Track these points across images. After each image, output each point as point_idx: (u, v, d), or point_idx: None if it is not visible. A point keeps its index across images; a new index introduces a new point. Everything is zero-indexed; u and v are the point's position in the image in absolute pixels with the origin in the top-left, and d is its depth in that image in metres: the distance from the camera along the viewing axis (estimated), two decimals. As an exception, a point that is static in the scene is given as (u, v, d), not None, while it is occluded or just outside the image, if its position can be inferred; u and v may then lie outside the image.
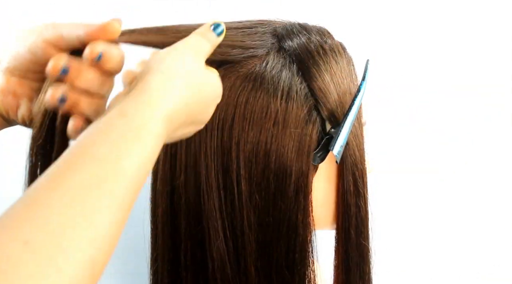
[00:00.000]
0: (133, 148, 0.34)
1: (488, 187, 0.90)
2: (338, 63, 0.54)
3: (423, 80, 0.87)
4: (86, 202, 0.30)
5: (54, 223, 0.29)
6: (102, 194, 0.31)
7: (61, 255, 0.28)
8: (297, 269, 0.52)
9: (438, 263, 0.92)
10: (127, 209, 0.33)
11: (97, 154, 0.33)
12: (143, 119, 0.36)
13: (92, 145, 0.33)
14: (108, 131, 0.34)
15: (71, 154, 0.33)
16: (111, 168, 0.32)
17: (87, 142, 0.34)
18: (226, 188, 0.50)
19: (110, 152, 0.33)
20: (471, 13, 0.85)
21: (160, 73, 0.39)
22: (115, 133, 0.34)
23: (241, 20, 0.55)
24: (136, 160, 0.34)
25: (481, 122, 0.89)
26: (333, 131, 0.52)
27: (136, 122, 0.35)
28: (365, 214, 0.56)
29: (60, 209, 0.29)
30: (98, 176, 0.32)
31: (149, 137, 0.35)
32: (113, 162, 0.33)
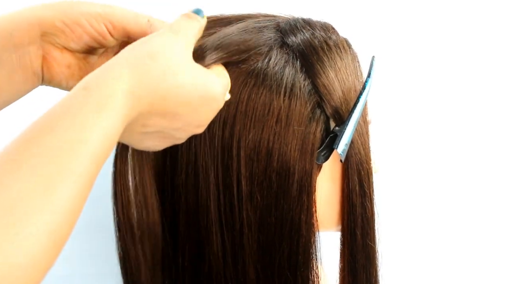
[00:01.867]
0: (93, 120, 0.33)
1: (499, 188, 0.89)
2: (342, 60, 0.53)
3: (430, 77, 0.86)
4: (41, 176, 0.30)
5: (6, 199, 0.29)
6: (58, 168, 0.31)
7: (18, 222, 0.28)
8: (300, 272, 0.51)
9: (446, 265, 0.91)
10: (87, 184, 0.32)
11: (57, 126, 0.32)
12: (103, 91, 0.35)
13: (53, 117, 0.33)
14: (69, 104, 0.34)
15: (32, 127, 0.33)
16: (67, 141, 0.32)
17: (49, 114, 0.33)
18: (226, 187, 0.49)
19: (68, 124, 0.32)
20: (476, 10, 0.84)
21: (134, 51, 0.39)
22: (76, 105, 0.34)
23: (244, 15, 0.54)
24: (97, 133, 0.33)
25: (485, 122, 0.87)
26: (337, 129, 0.51)
27: (96, 94, 0.35)
28: (371, 215, 0.55)
29: (12, 183, 0.29)
30: (55, 148, 0.31)
31: (111, 110, 0.34)
32: (69, 134, 0.32)
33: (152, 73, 0.38)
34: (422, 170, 0.88)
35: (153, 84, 0.38)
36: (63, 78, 0.48)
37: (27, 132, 0.32)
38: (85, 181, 0.32)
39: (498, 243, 0.91)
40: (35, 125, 0.33)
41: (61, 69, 0.48)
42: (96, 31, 0.46)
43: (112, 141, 0.35)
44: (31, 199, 0.29)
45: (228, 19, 0.54)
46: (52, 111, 0.33)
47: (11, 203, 0.29)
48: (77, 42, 0.47)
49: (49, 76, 0.48)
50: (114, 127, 0.35)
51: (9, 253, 0.28)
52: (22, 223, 0.28)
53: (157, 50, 0.39)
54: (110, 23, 0.47)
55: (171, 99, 0.39)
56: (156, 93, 0.38)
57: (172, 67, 0.39)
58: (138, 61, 0.38)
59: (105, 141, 0.34)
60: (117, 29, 0.47)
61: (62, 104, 0.34)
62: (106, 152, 0.34)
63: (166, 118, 0.40)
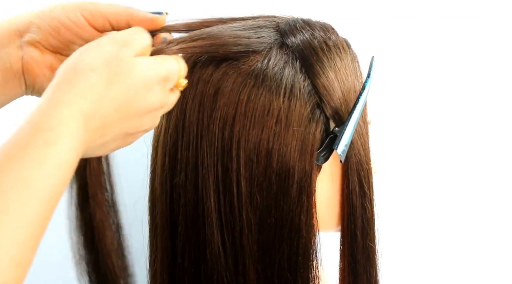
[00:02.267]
0: (42, 155, 0.31)
1: (499, 188, 0.89)
2: (342, 60, 0.53)
3: (429, 77, 0.86)
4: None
5: None
6: (2, 209, 0.29)
7: None
8: (300, 273, 0.51)
9: (446, 266, 0.91)
10: (41, 222, 0.30)
11: (3, 165, 0.31)
12: (50, 122, 0.33)
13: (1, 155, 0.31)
14: (17, 141, 0.32)
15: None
16: (15, 179, 0.30)
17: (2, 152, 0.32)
18: (225, 187, 0.49)
19: (15, 162, 0.31)
20: (476, 10, 0.84)
21: (80, 66, 0.37)
22: (23, 142, 0.32)
23: (243, 16, 0.54)
24: (48, 168, 0.31)
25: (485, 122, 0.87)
26: (337, 129, 0.51)
27: (43, 127, 0.33)
28: (371, 216, 0.55)
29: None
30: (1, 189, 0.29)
31: (61, 140, 0.33)
32: (18, 173, 0.30)
33: (96, 86, 0.36)
34: (422, 171, 0.88)
35: (100, 96, 0.36)
36: (45, 81, 0.46)
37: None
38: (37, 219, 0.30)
39: (498, 243, 0.90)
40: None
41: (42, 70, 0.46)
42: (72, 22, 0.45)
43: (67, 171, 0.33)
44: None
45: (224, 20, 0.54)
46: (2, 149, 0.32)
47: None
48: (55, 37, 0.45)
49: (31, 79, 0.46)
50: (67, 158, 0.33)
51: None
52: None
53: (99, 61, 0.38)
54: (87, 12, 0.45)
55: (122, 100, 0.38)
56: (105, 103, 0.37)
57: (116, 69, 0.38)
58: (79, 79, 0.36)
59: (58, 174, 0.32)
60: (96, 18, 0.45)
61: (11, 140, 0.32)
62: (62, 184, 0.32)
63: (122, 121, 0.39)
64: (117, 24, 0.46)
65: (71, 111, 0.34)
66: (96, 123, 0.37)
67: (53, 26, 0.45)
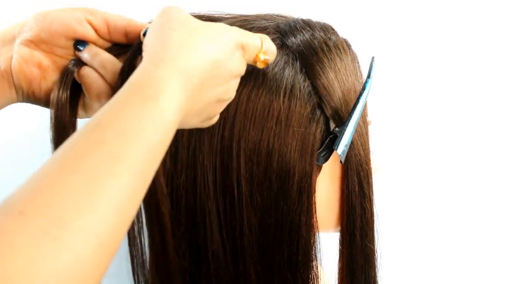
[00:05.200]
0: (142, 109, 0.32)
1: (499, 189, 0.89)
2: (342, 60, 0.53)
3: (429, 78, 0.86)
4: (85, 168, 0.28)
5: (49, 193, 0.27)
6: (102, 158, 0.29)
7: (56, 224, 0.26)
8: (300, 272, 0.51)
9: (445, 266, 0.91)
10: (140, 175, 0.30)
11: (102, 121, 0.31)
12: (151, 79, 0.33)
13: (99, 115, 0.32)
14: (116, 100, 0.32)
15: (79, 129, 0.31)
16: (114, 132, 0.30)
17: (96, 115, 0.32)
18: (225, 188, 0.49)
19: (115, 117, 0.31)
20: (476, 10, 0.84)
21: (163, 30, 0.38)
22: (122, 99, 0.32)
23: (242, 15, 0.54)
24: (147, 121, 0.31)
25: (484, 122, 0.87)
26: (337, 130, 0.51)
27: (145, 84, 0.33)
28: (370, 216, 0.55)
29: (57, 179, 0.28)
30: (99, 140, 0.30)
31: (162, 96, 0.33)
32: (116, 126, 0.30)
33: (186, 43, 0.37)
34: (422, 171, 0.88)
35: (193, 53, 0.37)
36: (33, 80, 0.45)
37: (77, 132, 0.31)
38: (134, 171, 0.30)
39: (498, 245, 0.91)
40: (84, 125, 0.31)
41: (29, 68, 0.45)
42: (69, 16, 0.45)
43: (167, 129, 0.33)
44: (72, 197, 0.27)
45: (224, 19, 0.54)
46: (101, 110, 0.32)
47: (50, 201, 0.27)
48: (47, 31, 0.44)
49: (18, 79, 0.45)
50: (166, 114, 0.33)
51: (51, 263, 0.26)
52: (61, 222, 0.26)
53: (176, 22, 0.39)
54: (87, 11, 0.46)
55: (213, 60, 0.39)
56: (200, 60, 0.37)
57: (198, 29, 0.39)
58: (168, 39, 0.37)
59: (157, 129, 0.32)
60: (96, 16, 0.46)
61: (110, 102, 0.33)
62: (161, 141, 0.32)
63: (213, 85, 0.40)
64: (114, 28, 0.46)
65: (169, 69, 0.35)
66: (195, 83, 0.37)
67: (48, 20, 0.45)
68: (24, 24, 0.45)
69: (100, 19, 0.46)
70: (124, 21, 0.46)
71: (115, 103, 0.32)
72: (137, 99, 0.32)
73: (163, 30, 0.38)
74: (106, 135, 0.30)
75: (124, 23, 0.46)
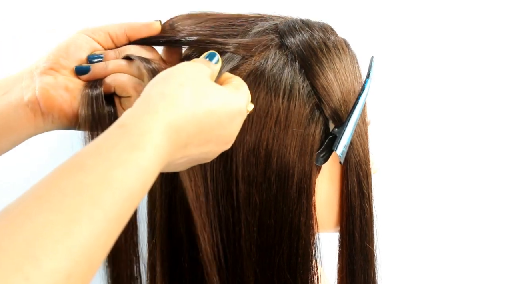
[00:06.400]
0: (128, 157, 0.32)
1: (499, 189, 0.89)
2: (341, 61, 0.53)
3: (429, 78, 0.86)
4: (66, 211, 0.28)
5: (29, 230, 0.27)
6: (84, 203, 0.29)
7: (31, 263, 0.26)
8: (300, 273, 0.51)
9: (444, 267, 0.91)
10: (116, 221, 0.30)
11: (87, 163, 0.31)
12: (141, 128, 0.34)
13: (84, 155, 0.32)
14: (103, 142, 0.33)
15: (63, 165, 0.31)
16: (99, 177, 0.30)
17: (81, 152, 0.32)
18: (224, 189, 0.49)
19: (100, 161, 0.31)
20: (476, 10, 0.84)
21: (161, 82, 0.38)
22: (110, 142, 0.33)
23: (241, 15, 0.54)
24: (131, 170, 0.32)
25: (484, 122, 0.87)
26: (336, 130, 0.51)
27: (133, 131, 0.33)
28: (369, 216, 0.55)
29: (37, 216, 0.28)
30: (82, 184, 0.30)
31: (149, 147, 0.33)
32: (101, 171, 0.31)
33: (185, 100, 0.38)
34: (421, 171, 0.88)
35: (188, 111, 0.37)
36: (63, 102, 0.47)
37: (59, 168, 0.31)
38: (112, 217, 0.30)
39: (498, 245, 0.91)
40: (68, 162, 0.31)
41: (59, 92, 0.47)
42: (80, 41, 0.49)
43: (148, 179, 0.33)
44: (46, 237, 0.27)
45: (224, 17, 0.54)
46: (86, 149, 0.32)
47: (29, 238, 0.27)
48: (65, 57, 0.48)
49: (48, 105, 0.47)
50: (150, 165, 0.33)
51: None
52: (34, 261, 0.26)
53: (185, 77, 0.39)
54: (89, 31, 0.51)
55: (207, 123, 0.39)
56: (193, 119, 0.38)
57: (202, 90, 0.39)
58: (170, 91, 0.37)
59: (140, 179, 0.32)
60: (98, 34, 0.50)
61: (96, 142, 0.33)
62: (140, 189, 0.33)
63: (201, 145, 0.40)
64: (116, 37, 0.51)
65: (162, 121, 0.35)
66: (181, 141, 0.37)
67: (63, 47, 0.49)
68: (39, 60, 0.49)
69: (102, 34, 0.50)
70: (122, 27, 0.51)
71: (103, 145, 0.33)
72: (125, 146, 0.32)
73: (169, 80, 0.39)
74: (90, 179, 0.30)
75: (123, 29, 0.51)
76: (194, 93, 0.38)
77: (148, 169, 0.33)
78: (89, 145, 0.33)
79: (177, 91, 0.38)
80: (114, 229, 0.30)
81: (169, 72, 0.40)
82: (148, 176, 0.33)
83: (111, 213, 0.30)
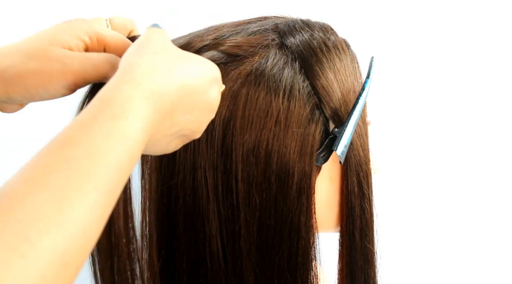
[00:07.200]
0: (110, 127, 0.32)
1: (499, 189, 0.89)
2: (341, 61, 0.53)
3: (429, 78, 0.86)
4: (56, 187, 0.28)
5: (20, 211, 0.27)
6: (73, 178, 0.29)
7: (25, 241, 0.26)
8: (300, 273, 0.51)
9: (445, 267, 0.91)
10: (109, 193, 0.30)
11: (72, 138, 0.31)
12: (121, 97, 0.33)
13: (69, 130, 0.32)
14: (85, 115, 0.32)
15: (49, 143, 0.31)
16: (84, 149, 0.30)
17: (65, 130, 0.32)
18: (224, 188, 0.49)
19: (84, 135, 0.31)
20: (476, 10, 0.84)
21: (135, 53, 0.38)
22: (91, 115, 0.32)
23: (242, 21, 0.54)
24: (115, 141, 0.31)
25: (484, 122, 0.87)
26: (336, 130, 0.51)
27: (114, 102, 0.33)
28: (369, 216, 0.55)
29: (27, 196, 0.28)
30: (69, 159, 0.30)
31: (131, 115, 0.33)
32: (85, 143, 0.30)
33: (162, 66, 0.37)
34: (421, 171, 0.88)
35: (167, 76, 0.37)
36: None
37: (45, 146, 0.31)
38: (103, 190, 0.30)
39: (498, 245, 0.91)
40: (53, 139, 0.31)
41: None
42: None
43: (135, 148, 0.33)
44: (39, 215, 0.27)
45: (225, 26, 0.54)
46: (69, 125, 0.32)
47: (20, 218, 0.27)
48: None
49: None
50: (135, 134, 0.33)
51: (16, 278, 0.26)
52: (29, 240, 0.27)
53: (157, 46, 0.39)
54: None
55: (188, 86, 0.38)
56: (174, 84, 0.37)
57: (179, 56, 0.39)
58: (145, 59, 0.37)
59: (126, 149, 0.32)
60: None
61: (79, 117, 0.32)
62: (129, 159, 0.32)
63: (186, 112, 0.39)
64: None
65: (142, 88, 0.35)
66: (166, 106, 0.37)
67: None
68: None
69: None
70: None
71: (85, 119, 0.32)
72: (106, 116, 0.32)
73: (142, 50, 0.38)
74: (76, 153, 0.30)
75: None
76: (170, 58, 0.38)
77: (134, 138, 0.33)
78: (72, 121, 0.32)
79: (152, 58, 0.37)
80: (106, 202, 0.30)
81: (140, 42, 0.40)
82: (135, 145, 0.33)
83: (102, 185, 0.30)
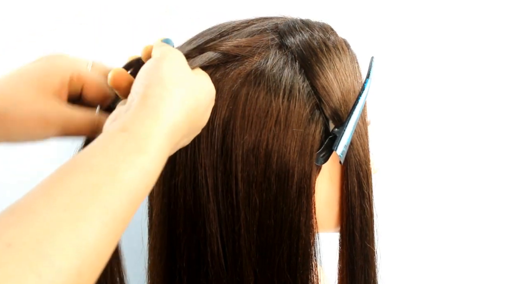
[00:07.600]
0: (134, 160, 0.33)
1: (499, 189, 0.89)
2: (341, 61, 0.53)
3: (429, 78, 0.86)
4: (75, 209, 0.29)
5: (39, 228, 0.28)
6: (93, 203, 0.30)
7: (43, 260, 0.27)
8: (300, 273, 0.51)
9: (445, 267, 0.91)
10: (122, 222, 0.32)
11: (95, 164, 0.32)
12: (146, 132, 0.35)
13: (91, 156, 0.33)
14: (108, 144, 0.34)
15: (69, 164, 0.32)
16: (107, 178, 0.31)
17: (86, 153, 0.33)
18: (224, 188, 0.49)
19: (107, 163, 0.32)
20: (476, 10, 0.84)
21: (159, 84, 0.39)
22: (115, 145, 0.34)
23: (241, 20, 0.54)
24: (136, 173, 0.33)
25: (484, 122, 0.87)
26: (336, 130, 0.51)
27: (138, 135, 0.35)
28: (370, 216, 0.55)
29: (47, 214, 0.28)
30: (91, 184, 0.31)
31: (153, 150, 0.35)
32: (109, 173, 0.32)
33: (177, 101, 0.39)
34: (421, 171, 0.88)
35: (181, 111, 0.39)
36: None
37: (65, 167, 0.32)
38: (119, 218, 0.31)
39: (498, 245, 0.90)
40: (73, 161, 0.32)
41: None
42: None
43: (151, 181, 0.35)
44: (57, 236, 0.28)
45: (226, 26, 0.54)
46: (90, 151, 0.33)
47: (39, 236, 0.27)
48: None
49: None
50: (153, 167, 0.35)
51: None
52: (46, 259, 0.27)
53: (173, 76, 0.41)
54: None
55: (192, 117, 0.41)
56: (185, 119, 0.39)
57: (188, 85, 0.41)
58: (165, 95, 0.39)
59: (144, 181, 0.33)
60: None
61: (101, 143, 0.34)
62: (144, 191, 0.34)
63: (186, 136, 0.42)
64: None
65: (164, 125, 0.37)
66: (177, 139, 0.39)
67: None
68: None
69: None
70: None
71: (109, 146, 0.34)
72: (131, 149, 0.34)
73: (160, 82, 0.40)
74: (98, 179, 0.31)
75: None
76: (186, 90, 0.41)
77: (152, 171, 0.35)
78: (93, 145, 0.34)
79: (174, 92, 0.39)
80: (119, 229, 0.31)
81: (157, 69, 0.41)
82: (151, 178, 0.35)
83: (118, 214, 0.31)
